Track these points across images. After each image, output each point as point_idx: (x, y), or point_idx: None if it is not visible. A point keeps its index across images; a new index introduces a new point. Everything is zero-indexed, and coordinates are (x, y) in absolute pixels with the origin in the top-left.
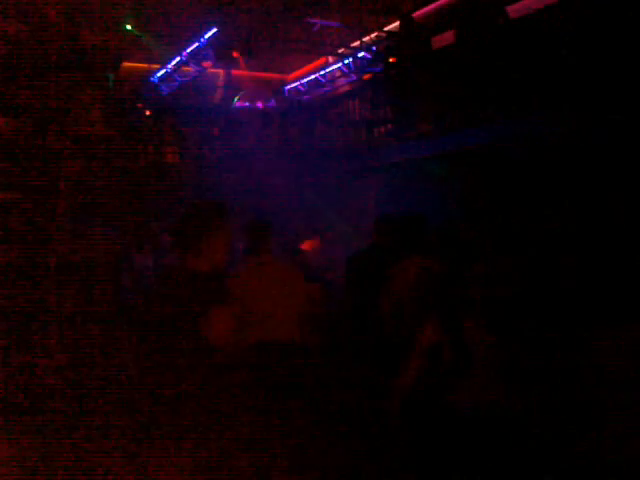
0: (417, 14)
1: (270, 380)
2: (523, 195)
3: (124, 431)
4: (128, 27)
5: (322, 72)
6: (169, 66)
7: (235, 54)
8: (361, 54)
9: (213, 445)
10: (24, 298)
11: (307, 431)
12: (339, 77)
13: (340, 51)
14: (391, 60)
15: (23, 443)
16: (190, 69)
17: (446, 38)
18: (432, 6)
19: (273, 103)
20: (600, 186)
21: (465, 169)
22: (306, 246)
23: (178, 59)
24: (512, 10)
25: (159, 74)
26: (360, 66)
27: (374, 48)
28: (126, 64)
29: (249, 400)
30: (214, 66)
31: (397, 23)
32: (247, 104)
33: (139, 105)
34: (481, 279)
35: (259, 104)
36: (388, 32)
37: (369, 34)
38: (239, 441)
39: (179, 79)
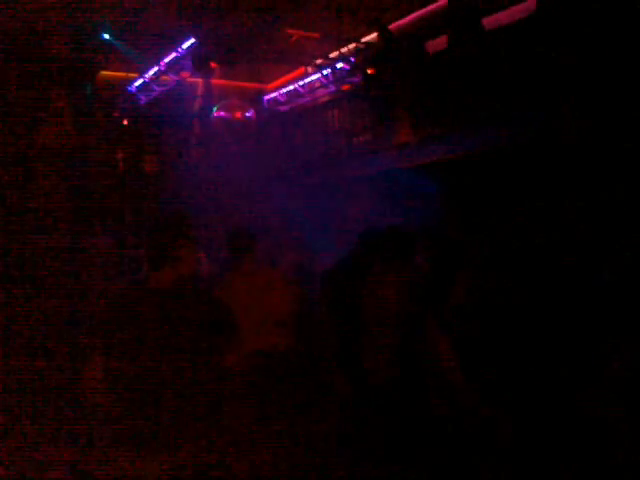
0: (395, 25)
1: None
2: (505, 202)
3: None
4: (106, 36)
5: (301, 82)
6: (147, 76)
7: (213, 65)
8: (339, 65)
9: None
10: None
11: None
12: (318, 87)
13: (318, 62)
14: (369, 71)
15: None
16: (168, 79)
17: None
18: (411, 17)
19: (252, 113)
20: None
21: (445, 178)
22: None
23: (156, 69)
24: (485, 22)
25: (137, 83)
26: (339, 77)
27: (352, 59)
28: (104, 73)
29: (248, 406)
30: (192, 76)
31: (375, 34)
32: (226, 114)
33: (116, 114)
34: (469, 286)
35: (238, 114)
36: (366, 43)
37: (347, 45)
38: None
39: (157, 89)
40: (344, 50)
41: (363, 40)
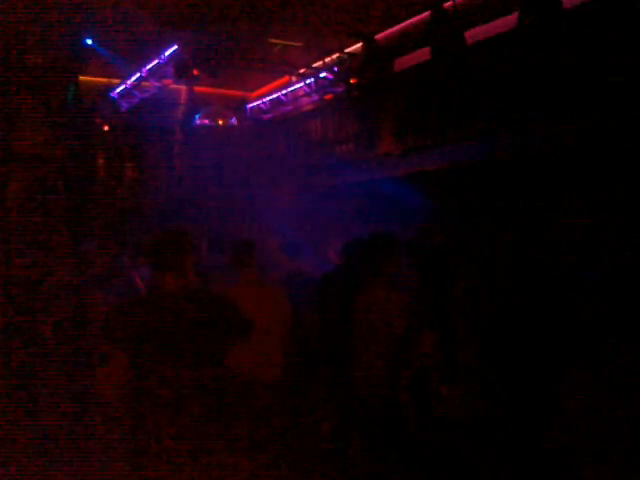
0: (379, 36)
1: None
2: (490, 212)
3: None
4: (89, 42)
5: (284, 91)
6: (129, 82)
7: (196, 72)
8: (323, 74)
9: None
10: None
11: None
12: (302, 96)
13: (302, 71)
14: (352, 81)
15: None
16: (150, 85)
17: (410, 59)
18: (395, 28)
19: (234, 121)
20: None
21: (428, 188)
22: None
23: (138, 75)
24: (469, 35)
25: (118, 90)
26: (322, 86)
27: (335, 69)
28: (85, 78)
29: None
30: (175, 83)
31: (358, 45)
32: (208, 121)
33: (97, 120)
34: (464, 296)
35: (220, 122)
36: (350, 53)
37: (331, 55)
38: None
39: (139, 95)
40: (327, 60)
41: (346, 50)
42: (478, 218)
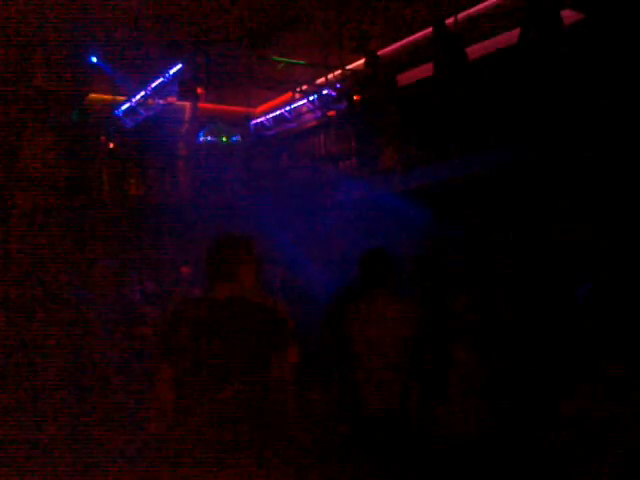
0: (381, 52)
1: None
2: (491, 228)
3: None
4: (94, 60)
5: (288, 108)
6: (134, 100)
7: (200, 90)
8: (325, 91)
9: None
10: None
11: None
12: (305, 113)
13: (304, 88)
14: (355, 97)
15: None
16: (155, 103)
17: (413, 75)
18: (397, 44)
19: (238, 138)
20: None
21: (430, 204)
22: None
23: (143, 93)
24: (471, 51)
25: (124, 107)
26: (325, 102)
27: (338, 85)
28: (90, 96)
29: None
30: (179, 100)
31: (361, 61)
32: (212, 138)
33: (102, 138)
34: (467, 310)
35: (224, 138)
36: (352, 70)
37: (333, 71)
38: None
39: (144, 113)
40: (330, 76)
41: (349, 67)
42: (480, 232)
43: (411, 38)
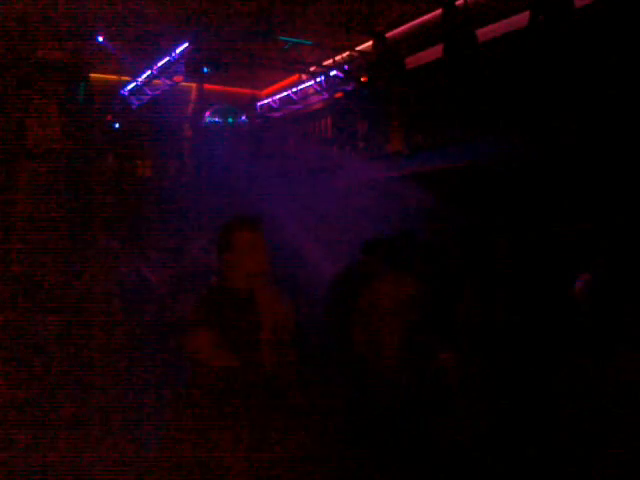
0: (390, 34)
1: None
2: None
3: None
4: (100, 39)
5: (294, 89)
6: (140, 79)
7: (206, 69)
8: (333, 72)
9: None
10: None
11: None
12: (312, 94)
13: (312, 69)
14: (363, 79)
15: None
16: (161, 83)
17: (422, 57)
18: (406, 26)
19: (244, 119)
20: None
21: (437, 188)
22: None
23: (149, 72)
24: (481, 34)
25: (129, 87)
26: (332, 84)
27: (346, 67)
28: (96, 75)
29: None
30: (185, 80)
31: (369, 43)
32: (218, 119)
33: (108, 118)
34: (473, 306)
35: (230, 119)
36: (360, 52)
37: (341, 53)
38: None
39: (150, 93)
40: (338, 58)
41: (357, 48)
42: (486, 219)
43: (420, 20)
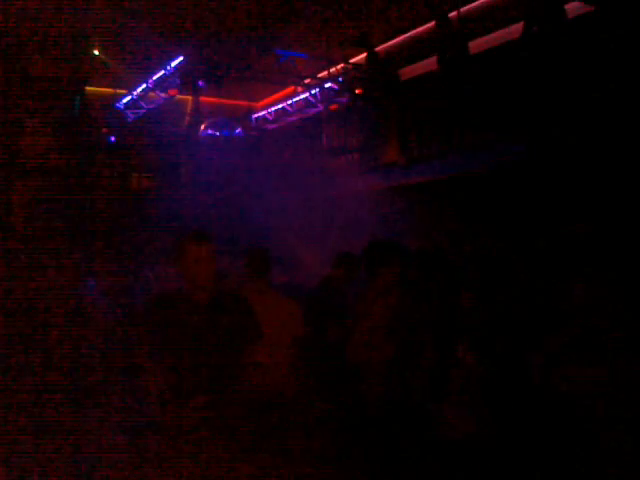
0: (384, 46)
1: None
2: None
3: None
4: (96, 52)
5: (290, 101)
6: (135, 93)
7: (201, 83)
8: (328, 85)
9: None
10: None
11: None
12: (307, 107)
13: (307, 81)
14: (357, 91)
15: None
16: (156, 96)
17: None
18: (400, 38)
19: (240, 131)
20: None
21: (432, 199)
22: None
23: (144, 86)
24: (474, 45)
25: (124, 100)
26: (327, 96)
27: (340, 79)
28: (91, 89)
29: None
30: (181, 93)
31: (363, 55)
32: (214, 132)
33: (104, 131)
34: (472, 308)
35: (226, 132)
36: (355, 64)
37: (336, 65)
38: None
39: (145, 106)
40: (332, 70)
41: (351, 61)
42: (484, 228)
43: (413, 32)
